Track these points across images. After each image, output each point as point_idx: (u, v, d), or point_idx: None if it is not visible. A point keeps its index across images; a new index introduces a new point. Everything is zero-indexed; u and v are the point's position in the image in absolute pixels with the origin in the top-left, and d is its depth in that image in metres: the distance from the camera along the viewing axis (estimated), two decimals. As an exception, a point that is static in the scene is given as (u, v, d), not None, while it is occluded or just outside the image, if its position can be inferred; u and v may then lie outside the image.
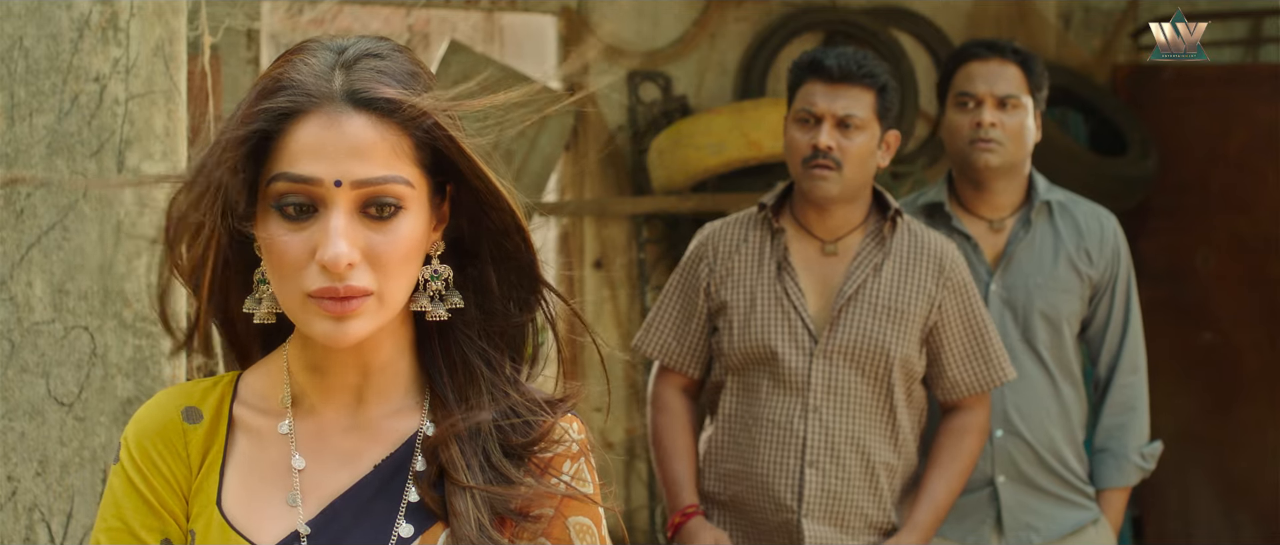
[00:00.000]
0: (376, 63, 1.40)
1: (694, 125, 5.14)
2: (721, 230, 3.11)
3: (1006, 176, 3.24)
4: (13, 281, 2.42)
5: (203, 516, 1.45)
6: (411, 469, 1.45)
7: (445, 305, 1.45)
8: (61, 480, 2.43)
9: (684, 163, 5.11)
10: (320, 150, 1.36)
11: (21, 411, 2.42)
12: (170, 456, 1.47)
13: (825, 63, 3.00)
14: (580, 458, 1.48)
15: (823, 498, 2.96)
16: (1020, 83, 3.22)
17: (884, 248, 3.02)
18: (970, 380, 3.05)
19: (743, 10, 5.53)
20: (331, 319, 1.37)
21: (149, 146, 2.48)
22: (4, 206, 2.42)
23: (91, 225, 2.44)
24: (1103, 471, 3.33)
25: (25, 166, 2.42)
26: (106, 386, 2.45)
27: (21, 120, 2.42)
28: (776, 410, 2.99)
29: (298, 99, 1.37)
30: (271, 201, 1.38)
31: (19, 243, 2.42)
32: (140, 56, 2.47)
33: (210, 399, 1.50)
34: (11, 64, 2.42)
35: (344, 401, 1.48)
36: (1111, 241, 3.30)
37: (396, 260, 1.38)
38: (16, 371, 2.41)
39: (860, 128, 2.97)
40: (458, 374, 1.47)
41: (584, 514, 1.47)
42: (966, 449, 3.05)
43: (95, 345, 2.45)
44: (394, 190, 1.37)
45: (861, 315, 2.98)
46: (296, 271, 1.37)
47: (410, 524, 1.43)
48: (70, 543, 2.43)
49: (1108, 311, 3.31)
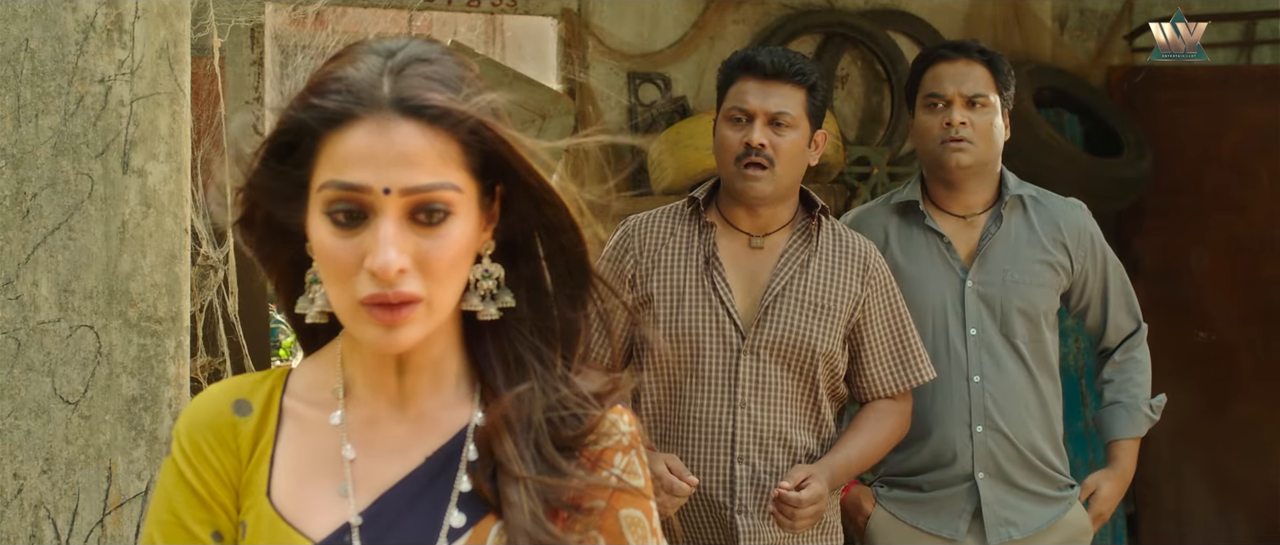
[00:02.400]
0: (424, 68, 1.40)
1: (693, 126, 5.15)
2: (647, 222, 3.07)
3: (978, 175, 3.26)
4: (19, 281, 2.42)
5: (253, 508, 1.45)
6: (464, 459, 1.46)
7: (496, 304, 1.45)
8: (67, 478, 2.44)
9: (683, 163, 5.12)
10: (370, 158, 1.36)
11: (27, 409, 2.42)
12: (220, 449, 1.47)
13: (758, 60, 2.98)
14: (631, 451, 1.49)
15: (754, 492, 2.94)
16: (988, 82, 3.24)
17: (810, 245, 3.01)
18: (889, 379, 3.05)
19: (741, 12, 5.55)
20: (381, 326, 1.38)
21: (154, 147, 2.48)
22: (10, 207, 2.42)
23: (97, 225, 2.45)
24: (1115, 423, 3.38)
25: (31, 167, 2.43)
26: (111, 385, 2.46)
27: (27, 121, 2.43)
28: (702, 408, 2.96)
29: (347, 103, 1.38)
30: (321, 208, 1.39)
31: (25, 242, 2.43)
32: (145, 58, 2.48)
33: (260, 392, 1.51)
34: (17, 65, 2.43)
35: (395, 395, 1.48)
36: (1087, 230, 3.33)
37: (445, 266, 1.39)
38: (22, 370, 2.42)
39: (791, 126, 2.95)
40: (510, 370, 1.47)
41: (635, 507, 1.48)
42: (888, 425, 3.05)
43: (100, 344, 2.45)
44: (443, 197, 1.38)
45: (788, 312, 2.97)
46: (347, 278, 1.38)
47: (462, 514, 1.43)
48: (75, 540, 2.44)
49: (1102, 292, 3.35)
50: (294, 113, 1.40)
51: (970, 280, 3.24)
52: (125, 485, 2.46)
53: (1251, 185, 5.65)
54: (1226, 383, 5.65)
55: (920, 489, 3.26)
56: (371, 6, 5.12)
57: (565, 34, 5.28)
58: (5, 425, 2.42)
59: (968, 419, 3.23)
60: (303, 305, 1.46)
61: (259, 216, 1.47)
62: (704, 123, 5.15)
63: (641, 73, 5.40)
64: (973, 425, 3.22)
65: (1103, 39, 6.05)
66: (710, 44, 5.50)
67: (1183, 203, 5.75)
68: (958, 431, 3.23)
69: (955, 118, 3.20)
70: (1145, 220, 5.75)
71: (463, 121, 1.38)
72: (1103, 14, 6.09)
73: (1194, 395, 5.57)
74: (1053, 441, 3.30)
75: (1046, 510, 3.28)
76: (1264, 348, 5.65)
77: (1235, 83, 5.79)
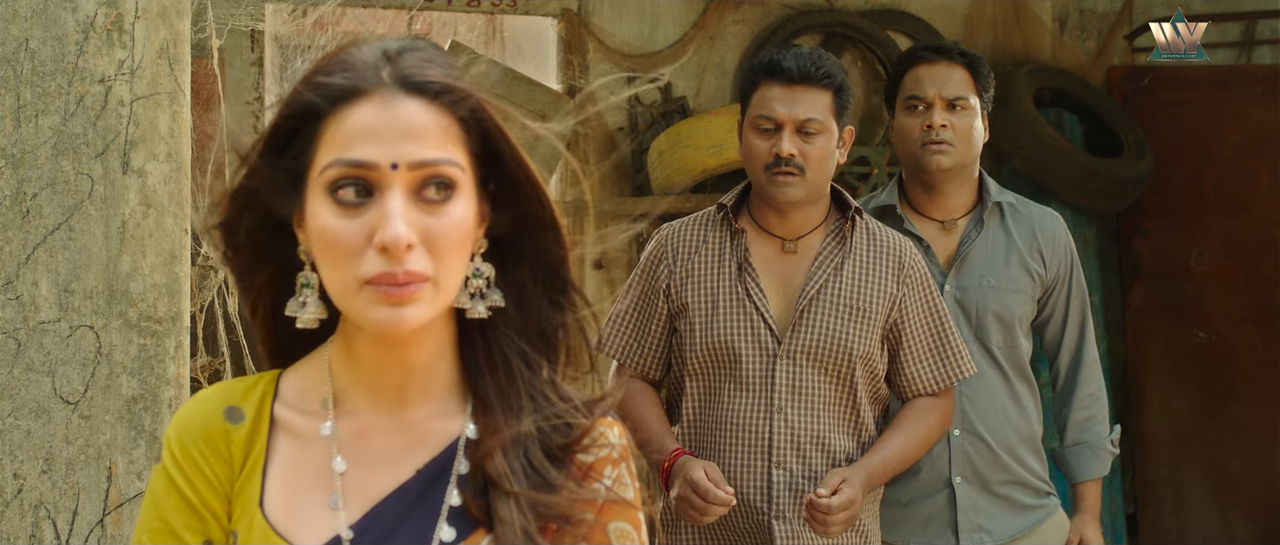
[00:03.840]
0: (421, 54, 1.42)
1: (693, 126, 5.16)
2: (680, 231, 3.05)
3: (957, 178, 3.25)
4: (19, 281, 2.42)
5: (245, 518, 1.44)
6: (454, 472, 1.45)
7: (486, 303, 1.45)
8: (67, 478, 2.43)
9: (683, 163, 5.12)
10: (376, 134, 1.37)
11: (27, 410, 2.42)
12: (213, 457, 1.46)
13: (783, 64, 2.94)
14: (621, 463, 1.48)
15: (791, 497, 2.92)
16: (968, 84, 3.23)
17: (845, 247, 2.98)
18: (930, 377, 3.03)
19: (741, 12, 5.55)
20: (389, 304, 1.36)
21: (153, 148, 2.48)
22: (10, 207, 2.42)
23: (96, 225, 2.45)
24: (1081, 464, 3.35)
25: (31, 167, 2.43)
26: (111, 385, 2.46)
27: (27, 121, 2.43)
28: (740, 413, 2.94)
29: (352, 79, 1.39)
30: (324, 189, 1.38)
31: (25, 242, 2.42)
32: (145, 58, 2.48)
33: (252, 398, 1.49)
34: (18, 66, 2.43)
35: (387, 402, 1.47)
36: (1063, 241, 3.31)
37: (451, 244, 1.39)
38: (22, 370, 2.42)
39: (820, 131, 2.92)
40: (498, 374, 1.47)
41: (624, 519, 1.47)
42: (928, 423, 3.02)
43: (100, 344, 2.45)
44: (448, 172, 1.38)
45: (824, 315, 2.94)
46: (352, 258, 1.37)
47: (452, 528, 1.42)
48: (75, 540, 2.44)
49: (1064, 308, 3.32)
50: (299, 94, 1.40)
51: (948, 285, 3.23)
52: (125, 485, 2.46)
53: (1252, 185, 5.66)
54: (1226, 382, 5.66)
55: (900, 502, 3.24)
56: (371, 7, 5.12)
57: (565, 34, 5.29)
58: (5, 425, 2.42)
59: None
60: (293, 308, 1.45)
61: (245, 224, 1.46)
62: (703, 123, 5.16)
63: (641, 73, 5.40)
64: (950, 429, 3.21)
65: (1103, 39, 6.06)
66: (710, 44, 5.50)
67: (1182, 203, 5.75)
68: None
69: (936, 120, 3.19)
70: (1145, 220, 5.75)
71: (464, 99, 1.40)
72: (1103, 14, 6.10)
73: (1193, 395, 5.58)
74: (1031, 445, 3.29)
75: (1020, 519, 3.26)
76: (1263, 347, 5.65)
77: (1235, 83, 5.79)
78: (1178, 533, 5.71)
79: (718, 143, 5.05)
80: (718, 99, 5.50)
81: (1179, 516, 5.72)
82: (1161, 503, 5.72)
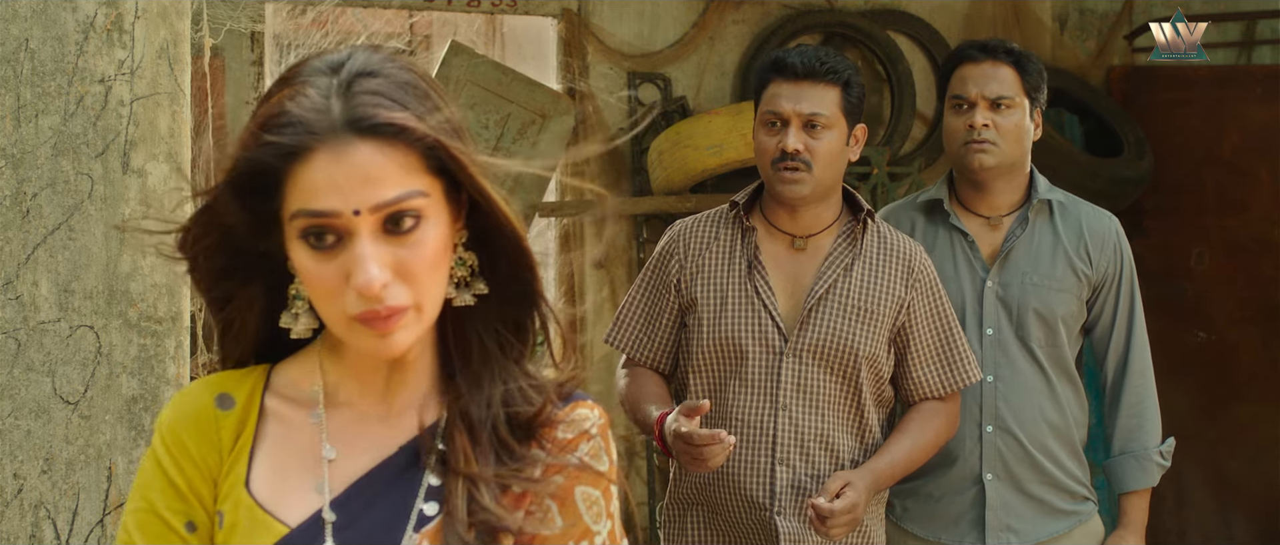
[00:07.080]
0: (372, 83, 1.41)
1: (693, 126, 5.15)
2: (692, 227, 3.08)
3: (1004, 176, 3.24)
4: (19, 281, 2.42)
5: (231, 497, 1.48)
6: (433, 454, 1.48)
7: (471, 291, 1.49)
8: (67, 478, 2.43)
9: (683, 163, 5.12)
10: (333, 184, 1.38)
11: (27, 409, 2.42)
12: (201, 441, 1.50)
13: (788, 61, 2.97)
14: (597, 439, 1.52)
15: (794, 494, 2.93)
16: (1014, 83, 3.21)
17: (855, 248, 2.99)
18: (936, 381, 3.03)
19: (741, 12, 5.55)
20: (376, 335, 1.41)
21: (153, 148, 2.48)
22: (10, 207, 2.42)
23: (96, 225, 2.45)
24: (1126, 474, 3.27)
25: (31, 167, 2.43)
26: (111, 385, 2.46)
27: (27, 121, 2.43)
28: (746, 409, 2.96)
29: (300, 136, 1.39)
30: (297, 234, 1.41)
31: (25, 242, 2.42)
32: (145, 58, 2.48)
33: (243, 387, 1.53)
34: (17, 66, 2.42)
35: (374, 395, 1.52)
36: (1113, 242, 3.28)
37: (425, 270, 1.42)
38: (22, 370, 2.42)
39: (827, 126, 2.94)
40: (473, 356, 1.50)
41: (594, 486, 1.50)
42: (934, 427, 3.02)
43: (100, 344, 2.45)
44: (411, 205, 1.40)
45: (831, 315, 2.95)
46: (335, 296, 1.41)
47: (434, 503, 1.46)
48: (76, 540, 2.44)
49: (1113, 312, 3.29)
50: (249, 152, 1.41)
51: (990, 281, 3.23)
52: (125, 485, 2.46)
53: (1252, 185, 5.66)
54: (1226, 382, 5.66)
55: (932, 496, 3.24)
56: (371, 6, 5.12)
57: (565, 34, 5.29)
58: (5, 425, 2.42)
59: (978, 418, 3.21)
60: (287, 320, 1.49)
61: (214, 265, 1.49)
62: (703, 122, 5.16)
63: (641, 73, 5.40)
64: (983, 425, 3.20)
65: (1103, 39, 6.06)
66: (710, 44, 5.50)
67: (1183, 203, 5.75)
68: (967, 430, 3.20)
69: (977, 120, 3.18)
70: (1145, 220, 5.75)
71: (420, 140, 1.41)
72: (1103, 14, 6.10)
73: (1194, 395, 5.57)
74: (1069, 447, 3.25)
75: (1052, 523, 3.23)
76: (1263, 347, 5.65)
77: (1235, 83, 5.79)
78: (1178, 533, 5.71)
79: (718, 143, 5.05)
80: (718, 99, 5.51)
81: (1179, 516, 5.71)
82: (1161, 502, 5.71)
